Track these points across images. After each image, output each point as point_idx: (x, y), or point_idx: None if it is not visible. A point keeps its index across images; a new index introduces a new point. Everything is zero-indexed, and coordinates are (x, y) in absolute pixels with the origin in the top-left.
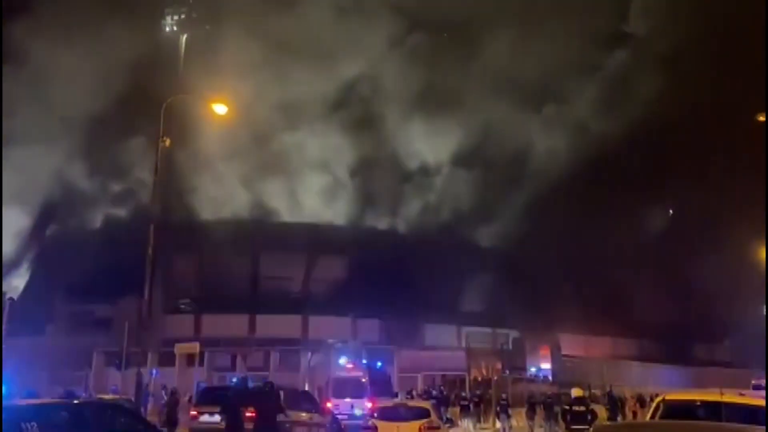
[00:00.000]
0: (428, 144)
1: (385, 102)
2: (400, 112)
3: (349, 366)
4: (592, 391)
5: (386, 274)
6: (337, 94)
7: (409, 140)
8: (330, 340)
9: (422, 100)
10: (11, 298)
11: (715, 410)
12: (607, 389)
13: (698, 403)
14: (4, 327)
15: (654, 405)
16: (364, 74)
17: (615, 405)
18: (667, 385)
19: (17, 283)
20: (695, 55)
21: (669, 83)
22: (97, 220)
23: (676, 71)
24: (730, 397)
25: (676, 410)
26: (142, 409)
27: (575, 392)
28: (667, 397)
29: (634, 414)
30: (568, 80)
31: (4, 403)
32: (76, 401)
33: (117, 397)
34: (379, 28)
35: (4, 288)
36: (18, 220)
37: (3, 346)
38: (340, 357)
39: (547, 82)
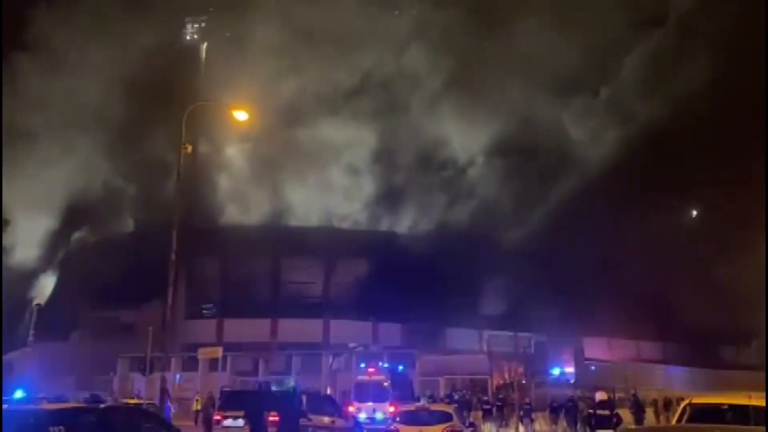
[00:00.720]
0: (451, 146)
1: (407, 105)
2: (422, 114)
3: (371, 370)
4: (617, 394)
5: (407, 277)
6: (358, 96)
7: (433, 142)
8: (351, 344)
9: (447, 98)
10: (38, 305)
11: (743, 414)
12: (631, 392)
13: (725, 407)
14: (31, 333)
15: (680, 409)
16: (388, 73)
17: (640, 409)
18: (693, 388)
19: (44, 290)
20: (740, 40)
21: (714, 70)
22: (121, 226)
23: (722, 58)
24: (758, 400)
25: (702, 414)
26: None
27: (600, 395)
28: (694, 401)
29: (659, 418)
30: (601, 69)
31: (32, 407)
32: (102, 405)
33: (141, 401)
34: (401, 23)
35: (32, 294)
36: (44, 227)
37: (31, 351)
38: (361, 361)
39: (579, 71)
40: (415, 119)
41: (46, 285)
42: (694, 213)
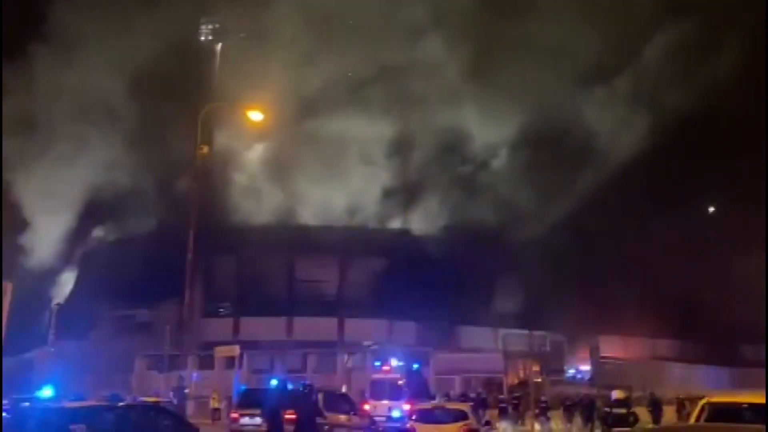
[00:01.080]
0: (468, 141)
1: (424, 100)
2: (438, 109)
3: (386, 368)
4: (633, 393)
5: (422, 275)
6: (375, 93)
7: (450, 137)
8: (366, 343)
9: (466, 90)
10: (58, 304)
11: (762, 413)
12: (648, 391)
13: (744, 406)
14: (51, 333)
15: (698, 407)
16: (405, 67)
17: (658, 407)
18: (712, 386)
19: (64, 289)
20: None
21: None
22: (138, 226)
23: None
24: None
25: (721, 413)
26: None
27: (616, 394)
28: (712, 400)
29: (679, 416)
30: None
31: (55, 405)
32: (121, 404)
33: (159, 399)
34: (418, 11)
35: (52, 294)
36: (63, 227)
37: (52, 350)
38: (376, 359)
39: (604, 58)
40: (431, 115)
41: (66, 284)
42: (711, 209)
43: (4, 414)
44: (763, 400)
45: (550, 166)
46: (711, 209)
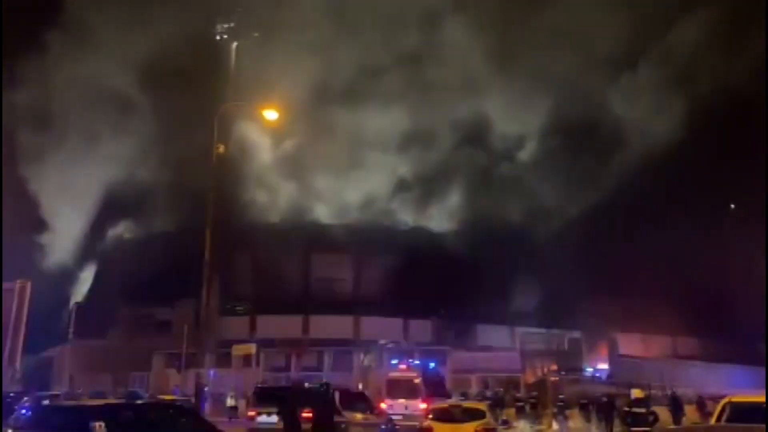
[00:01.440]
0: (486, 137)
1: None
2: (448, 106)
3: (403, 367)
4: (652, 391)
5: (438, 274)
6: (391, 84)
7: (467, 130)
8: (382, 341)
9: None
10: (77, 303)
11: None
12: (668, 390)
13: (766, 406)
14: (70, 331)
15: (719, 407)
16: (423, 58)
17: (678, 407)
18: (733, 386)
19: (83, 287)
20: None
21: None
22: (156, 225)
23: None
24: None
25: (742, 413)
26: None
27: (636, 393)
28: (733, 399)
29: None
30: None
31: (75, 403)
32: (139, 401)
33: (176, 397)
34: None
35: (70, 293)
36: (80, 225)
37: (70, 348)
38: (392, 358)
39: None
40: (444, 106)
41: (84, 283)
42: (732, 205)
43: (24, 411)
44: None
45: (571, 161)
46: (732, 206)
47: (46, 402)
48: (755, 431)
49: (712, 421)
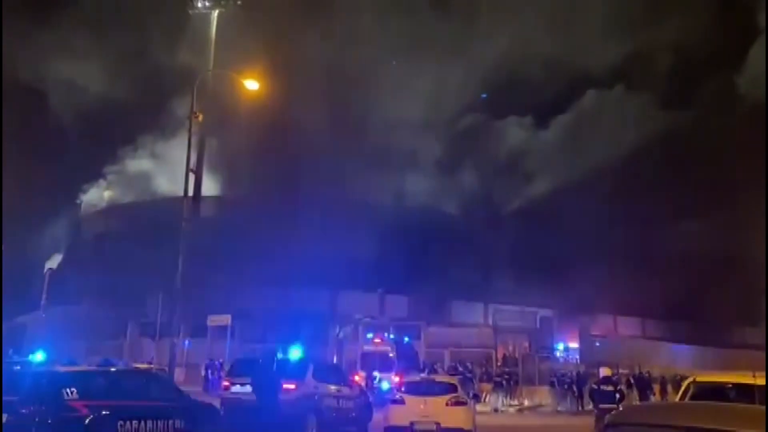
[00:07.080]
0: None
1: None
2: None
3: (377, 341)
4: (621, 371)
5: (415, 250)
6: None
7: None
8: (358, 315)
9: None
10: (50, 269)
11: (747, 393)
12: (636, 370)
13: (730, 386)
14: (43, 297)
15: (684, 386)
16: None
17: (645, 386)
18: (698, 367)
19: (55, 254)
20: None
21: None
22: (133, 194)
23: None
24: (762, 379)
25: (706, 392)
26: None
27: (604, 371)
28: (698, 379)
29: (663, 395)
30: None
31: (46, 368)
32: (113, 369)
33: (151, 366)
34: None
35: (43, 259)
36: (56, 195)
37: (43, 314)
38: (368, 332)
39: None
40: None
41: (58, 249)
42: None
43: None
44: (748, 381)
45: (541, 141)
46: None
47: (17, 368)
48: (718, 408)
49: (677, 398)
